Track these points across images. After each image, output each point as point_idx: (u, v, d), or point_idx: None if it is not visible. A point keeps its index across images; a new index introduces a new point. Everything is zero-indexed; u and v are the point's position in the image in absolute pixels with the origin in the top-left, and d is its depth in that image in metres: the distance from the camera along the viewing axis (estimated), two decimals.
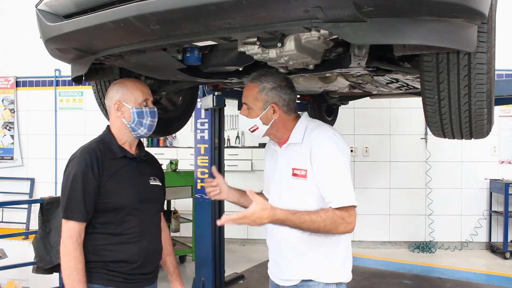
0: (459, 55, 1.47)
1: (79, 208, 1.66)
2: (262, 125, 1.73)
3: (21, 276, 4.18)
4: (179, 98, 2.92)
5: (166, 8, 1.28)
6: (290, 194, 1.70)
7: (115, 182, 1.73)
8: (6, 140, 6.72)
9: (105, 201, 1.71)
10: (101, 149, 1.75)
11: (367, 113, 5.86)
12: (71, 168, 1.71)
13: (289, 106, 1.73)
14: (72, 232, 1.65)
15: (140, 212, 1.78)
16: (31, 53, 5.85)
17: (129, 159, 1.82)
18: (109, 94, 1.83)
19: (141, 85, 1.85)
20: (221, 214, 4.09)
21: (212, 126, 3.94)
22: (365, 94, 3.44)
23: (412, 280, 4.38)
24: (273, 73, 1.75)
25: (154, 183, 1.89)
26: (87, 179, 1.67)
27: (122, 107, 1.80)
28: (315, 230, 1.55)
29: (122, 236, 1.73)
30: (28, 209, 6.41)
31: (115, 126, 1.83)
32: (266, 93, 1.70)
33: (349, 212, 1.56)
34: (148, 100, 1.84)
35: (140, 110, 1.80)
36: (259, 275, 4.50)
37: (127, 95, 1.80)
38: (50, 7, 1.74)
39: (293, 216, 1.53)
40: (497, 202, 5.75)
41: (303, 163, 1.66)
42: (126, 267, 1.72)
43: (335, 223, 1.54)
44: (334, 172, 1.60)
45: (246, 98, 1.74)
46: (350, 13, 1.16)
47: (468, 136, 1.78)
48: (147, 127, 1.83)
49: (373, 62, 1.77)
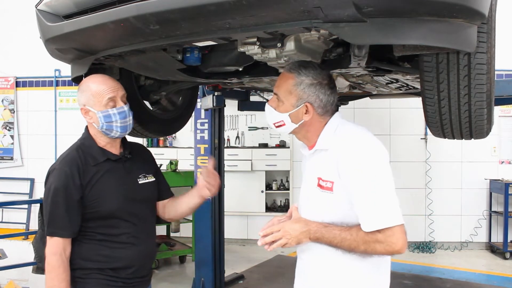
0: (459, 55, 1.47)
1: (63, 224, 1.58)
2: (290, 123, 1.50)
3: (21, 276, 4.18)
4: (179, 98, 2.92)
5: (166, 8, 1.28)
6: (314, 207, 1.48)
7: (100, 189, 1.63)
8: (6, 140, 6.72)
9: (91, 210, 1.62)
10: (81, 156, 1.64)
11: (367, 113, 5.86)
12: (51, 182, 1.61)
13: (325, 109, 1.49)
14: (56, 248, 1.58)
15: (132, 214, 1.69)
16: (31, 53, 5.84)
17: (113, 161, 1.70)
18: (77, 96, 1.70)
19: (103, 83, 1.65)
20: (221, 215, 4.09)
21: (212, 126, 3.94)
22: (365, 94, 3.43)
23: (412, 280, 4.37)
24: (316, 67, 1.49)
25: (144, 181, 1.77)
26: (68, 192, 1.58)
27: (88, 111, 1.66)
28: (348, 248, 1.37)
29: (116, 242, 1.65)
30: (28, 209, 6.40)
31: (91, 129, 1.72)
32: (302, 88, 1.46)
33: (386, 232, 1.32)
34: (116, 98, 1.65)
35: (106, 114, 1.64)
36: (259, 275, 4.50)
37: (90, 99, 1.64)
38: (50, 7, 1.74)
39: (324, 230, 1.39)
40: (497, 202, 5.75)
41: (330, 173, 1.42)
42: (123, 272, 1.66)
43: (368, 243, 1.34)
44: (364, 187, 1.34)
45: (279, 88, 1.51)
46: (350, 13, 1.16)
47: (468, 136, 1.78)
48: (120, 129, 1.67)
49: (373, 62, 1.77)
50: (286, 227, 1.43)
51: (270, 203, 6.26)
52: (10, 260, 3.81)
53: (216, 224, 4.00)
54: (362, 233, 1.34)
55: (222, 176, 4.07)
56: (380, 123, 5.94)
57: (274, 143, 6.16)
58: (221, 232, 4.08)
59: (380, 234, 1.32)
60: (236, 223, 5.99)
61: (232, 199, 5.18)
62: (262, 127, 6.24)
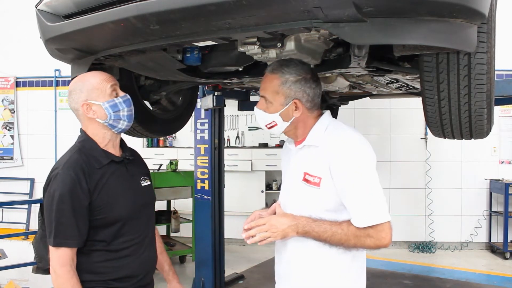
0: (459, 55, 1.47)
1: (72, 233, 1.45)
2: (282, 122, 1.52)
3: (21, 276, 4.18)
4: (179, 98, 2.92)
5: (166, 8, 1.28)
6: (298, 201, 1.51)
7: (107, 194, 1.52)
8: (6, 140, 6.71)
9: (99, 217, 1.51)
10: (84, 159, 1.52)
11: (367, 113, 5.86)
12: (55, 188, 1.46)
13: (313, 102, 1.52)
14: (64, 259, 1.45)
15: (137, 220, 1.61)
16: (31, 53, 5.85)
17: (117, 163, 1.60)
18: (72, 96, 1.59)
19: (102, 75, 1.60)
20: (221, 214, 4.10)
21: (212, 126, 3.94)
22: (365, 94, 3.43)
23: (412, 280, 4.37)
24: (297, 63, 1.51)
25: (145, 184, 1.70)
26: (76, 198, 1.45)
27: (92, 106, 1.56)
28: (337, 243, 1.40)
29: (121, 251, 1.55)
30: (28, 209, 6.40)
31: (90, 129, 1.60)
32: (288, 86, 1.48)
33: (377, 228, 1.38)
34: (116, 87, 1.61)
35: (113, 103, 1.57)
36: (259, 275, 4.50)
37: (93, 92, 1.56)
38: (50, 7, 1.74)
39: (314, 224, 1.41)
40: (497, 202, 5.75)
41: (318, 169, 1.45)
42: (128, 282, 1.57)
43: (358, 238, 1.39)
44: (358, 187, 1.40)
45: (265, 90, 1.53)
46: (350, 13, 1.16)
47: (468, 136, 1.78)
48: (127, 118, 1.61)
49: (373, 62, 1.77)
50: (272, 221, 1.44)
51: (270, 203, 6.24)
52: (10, 260, 3.81)
53: (216, 224, 4.00)
54: (353, 228, 1.39)
55: (222, 176, 4.07)
56: (380, 123, 5.94)
57: (274, 143, 6.16)
58: (221, 232, 4.08)
59: (372, 229, 1.39)
60: (236, 223, 5.95)
61: (232, 199, 5.18)
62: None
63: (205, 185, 3.97)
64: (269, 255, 5.03)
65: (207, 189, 3.96)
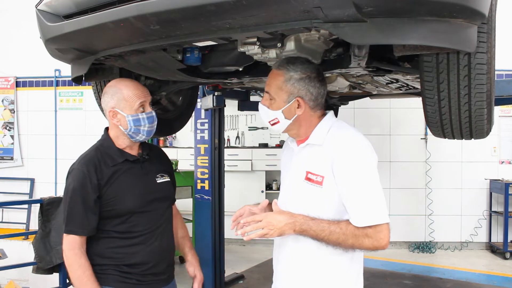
0: (459, 55, 1.47)
1: (80, 223, 1.64)
2: (284, 119, 1.53)
3: (21, 276, 4.19)
4: (179, 98, 2.92)
5: (166, 8, 1.28)
6: (299, 200, 1.51)
7: (117, 189, 1.69)
8: (6, 140, 6.72)
9: (108, 208, 1.68)
10: (99, 157, 1.70)
11: (367, 113, 5.86)
12: (70, 181, 1.68)
13: (316, 102, 1.53)
14: (73, 245, 1.64)
15: (148, 213, 1.74)
16: (31, 53, 5.85)
17: (131, 162, 1.76)
18: (104, 98, 1.74)
19: (136, 88, 1.73)
20: (221, 215, 4.10)
21: (212, 126, 3.94)
22: (365, 94, 3.43)
23: (412, 280, 4.37)
24: (303, 62, 1.52)
25: (161, 181, 1.83)
26: (85, 192, 1.64)
27: (117, 114, 1.71)
28: (334, 242, 1.39)
29: (132, 239, 1.70)
30: (28, 209, 6.40)
31: (113, 131, 1.77)
32: (292, 83, 1.49)
33: (376, 228, 1.38)
34: (145, 103, 1.74)
35: (136, 118, 1.71)
36: (259, 275, 4.50)
37: (122, 103, 1.70)
38: (50, 7, 1.74)
39: (312, 222, 1.40)
40: (497, 202, 5.75)
41: (321, 168, 1.46)
42: (138, 268, 1.71)
43: (356, 237, 1.38)
44: (359, 186, 1.40)
45: (269, 86, 1.54)
46: (350, 13, 1.16)
47: (468, 136, 1.78)
48: (146, 133, 1.75)
49: (373, 62, 1.77)
50: (269, 218, 1.43)
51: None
52: (10, 260, 3.81)
53: (216, 224, 4.01)
54: (351, 227, 1.39)
55: (222, 176, 4.07)
56: (380, 123, 5.95)
57: (274, 143, 6.16)
58: (221, 232, 4.08)
59: (371, 229, 1.38)
60: None
61: (232, 199, 5.17)
62: (262, 127, 6.24)
63: (205, 185, 3.97)
64: (269, 255, 5.02)
65: (207, 189, 3.96)
